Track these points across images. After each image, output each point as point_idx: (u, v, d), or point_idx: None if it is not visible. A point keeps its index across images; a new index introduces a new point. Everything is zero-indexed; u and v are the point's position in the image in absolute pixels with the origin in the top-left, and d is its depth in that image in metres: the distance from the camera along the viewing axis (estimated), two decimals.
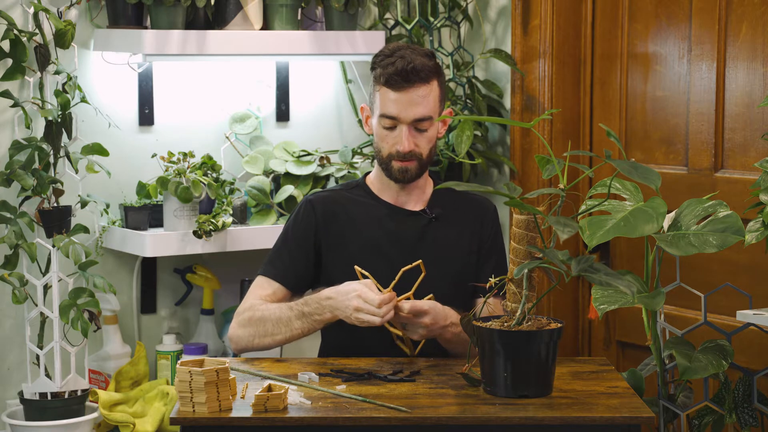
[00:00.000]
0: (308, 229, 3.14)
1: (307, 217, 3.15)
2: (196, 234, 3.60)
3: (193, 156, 3.66)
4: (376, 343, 3.07)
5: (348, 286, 2.95)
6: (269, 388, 2.56)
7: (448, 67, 4.03)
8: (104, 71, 3.69)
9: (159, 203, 3.68)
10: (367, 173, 3.24)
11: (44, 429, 3.44)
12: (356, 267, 2.96)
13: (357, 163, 3.90)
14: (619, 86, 3.80)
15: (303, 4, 3.84)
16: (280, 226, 3.72)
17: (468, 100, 4.02)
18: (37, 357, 3.49)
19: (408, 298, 2.94)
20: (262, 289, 3.12)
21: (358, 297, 2.90)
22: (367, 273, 2.95)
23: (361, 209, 3.16)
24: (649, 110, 3.72)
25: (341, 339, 3.15)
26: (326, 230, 3.14)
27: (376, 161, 3.15)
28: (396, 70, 3.02)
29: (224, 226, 3.63)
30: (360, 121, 3.92)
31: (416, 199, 3.18)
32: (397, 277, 2.93)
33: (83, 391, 3.50)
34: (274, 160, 3.85)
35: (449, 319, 2.96)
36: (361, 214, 3.15)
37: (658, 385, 3.03)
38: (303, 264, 3.13)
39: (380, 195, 3.18)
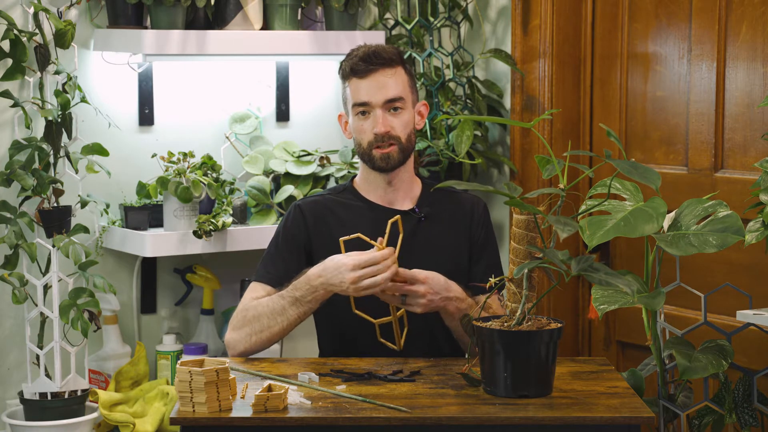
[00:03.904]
0: (298, 233, 3.16)
1: (296, 223, 3.17)
2: (196, 234, 3.60)
3: (193, 156, 3.66)
4: (372, 345, 3.07)
5: (334, 260, 2.96)
6: (269, 388, 2.56)
7: (448, 67, 4.03)
8: (104, 71, 3.69)
9: (159, 203, 3.68)
10: (354, 177, 3.26)
11: (44, 429, 3.44)
12: (341, 240, 2.97)
13: (357, 163, 3.90)
14: (619, 86, 3.80)
15: (303, 4, 3.84)
16: None
17: (468, 100, 4.02)
18: (37, 357, 3.49)
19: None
20: (255, 292, 3.13)
21: (352, 269, 2.90)
22: (352, 237, 2.96)
23: (349, 211, 3.17)
24: (649, 110, 3.72)
25: (337, 344, 3.16)
26: (316, 234, 3.15)
27: (360, 161, 3.17)
28: (359, 57, 3.11)
29: (224, 226, 3.63)
30: None
31: (403, 197, 3.18)
32: (387, 231, 2.93)
33: (83, 391, 3.50)
34: (274, 160, 3.85)
35: (452, 292, 2.97)
36: (349, 216, 3.16)
37: (658, 385, 3.03)
38: (295, 268, 3.13)
39: (367, 196, 3.19)
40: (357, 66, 3.09)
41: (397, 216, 2.97)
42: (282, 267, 3.14)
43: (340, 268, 2.93)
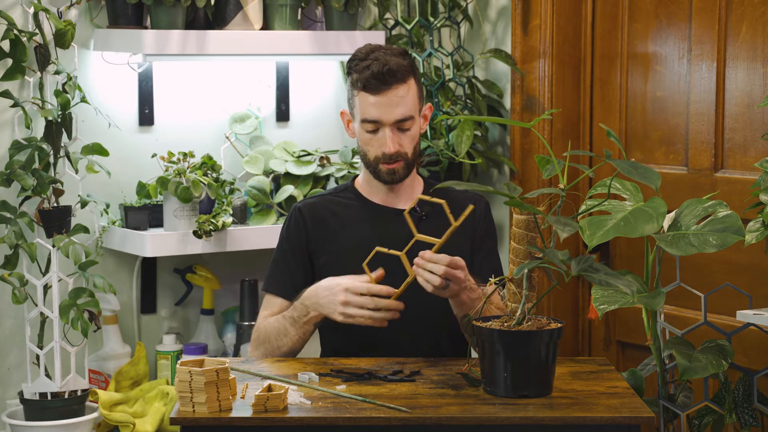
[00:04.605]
0: (300, 237, 3.16)
1: (297, 226, 3.17)
2: (196, 234, 3.60)
3: (193, 156, 3.66)
4: (372, 345, 3.07)
5: (331, 281, 2.95)
6: (269, 388, 2.56)
7: (448, 67, 4.03)
8: (104, 71, 3.69)
9: (159, 203, 3.68)
10: (356, 176, 3.25)
11: (44, 429, 3.44)
12: (364, 265, 2.94)
13: (357, 162, 3.90)
14: (619, 86, 3.80)
15: (303, 4, 3.84)
16: (279, 226, 3.71)
17: (468, 100, 4.02)
18: (37, 357, 3.49)
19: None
20: (268, 307, 3.15)
21: (345, 291, 2.90)
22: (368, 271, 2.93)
23: (350, 212, 3.16)
24: (649, 110, 3.72)
25: (337, 343, 3.16)
26: (317, 236, 3.15)
27: (362, 164, 3.16)
28: (372, 73, 3.02)
29: (224, 226, 3.63)
30: None
31: (405, 198, 3.18)
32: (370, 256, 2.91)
33: (83, 391, 3.50)
34: (274, 160, 3.85)
35: (470, 281, 2.95)
36: (350, 217, 3.15)
37: (658, 385, 3.03)
38: (301, 273, 3.14)
39: (369, 197, 3.18)
40: (370, 83, 3.02)
41: (425, 194, 2.93)
42: (288, 273, 3.14)
43: (333, 288, 2.93)
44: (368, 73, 3.03)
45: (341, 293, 2.90)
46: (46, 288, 3.49)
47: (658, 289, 2.87)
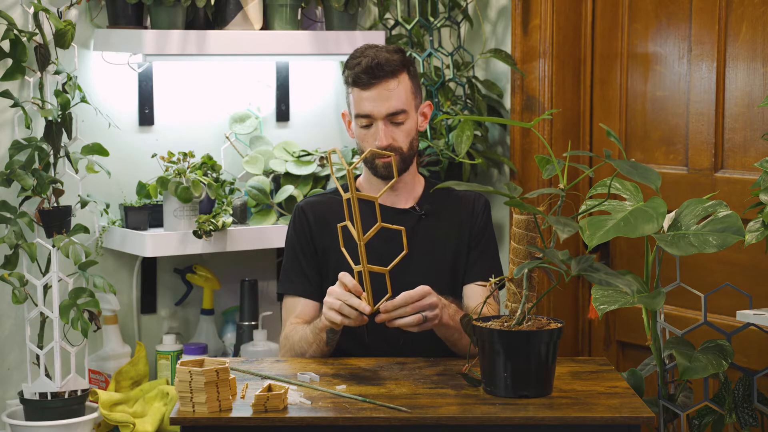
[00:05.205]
0: (305, 235, 3.17)
1: (302, 224, 3.18)
2: (196, 234, 3.60)
3: (193, 156, 3.66)
4: (372, 345, 3.07)
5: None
6: (269, 388, 2.56)
7: (448, 67, 4.03)
8: (104, 71, 3.69)
9: (159, 203, 3.68)
10: (357, 176, 3.26)
11: (44, 429, 3.44)
12: (342, 248, 2.91)
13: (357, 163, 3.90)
14: (619, 86, 3.80)
15: (303, 4, 3.84)
16: (280, 226, 3.72)
17: (468, 100, 4.02)
18: (37, 357, 3.49)
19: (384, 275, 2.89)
20: (292, 310, 3.15)
21: (329, 294, 2.89)
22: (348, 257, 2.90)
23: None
24: (649, 110, 3.72)
25: (338, 343, 3.16)
26: (319, 234, 3.16)
27: (363, 163, 3.17)
28: (361, 68, 3.08)
29: (224, 226, 3.63)
30: None
31: (405, 197, 3.19)
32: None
33: (83, 391, 3.50)
34: (274, 160, 3.85)
35: (442, 300, 2.93)
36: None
37: (658, 385, 3.03)
38: (314, 271, 3.14)
39: None
40: (359, 78, 3.07)
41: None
42: (301, 271, 3.15)
43: (329, 293, 2.91)
44: (358, 69, 3.08)
45: (326, 297, 2.90)
46: (46, 288, 3.49)
47: (658, 289, 2.87)
